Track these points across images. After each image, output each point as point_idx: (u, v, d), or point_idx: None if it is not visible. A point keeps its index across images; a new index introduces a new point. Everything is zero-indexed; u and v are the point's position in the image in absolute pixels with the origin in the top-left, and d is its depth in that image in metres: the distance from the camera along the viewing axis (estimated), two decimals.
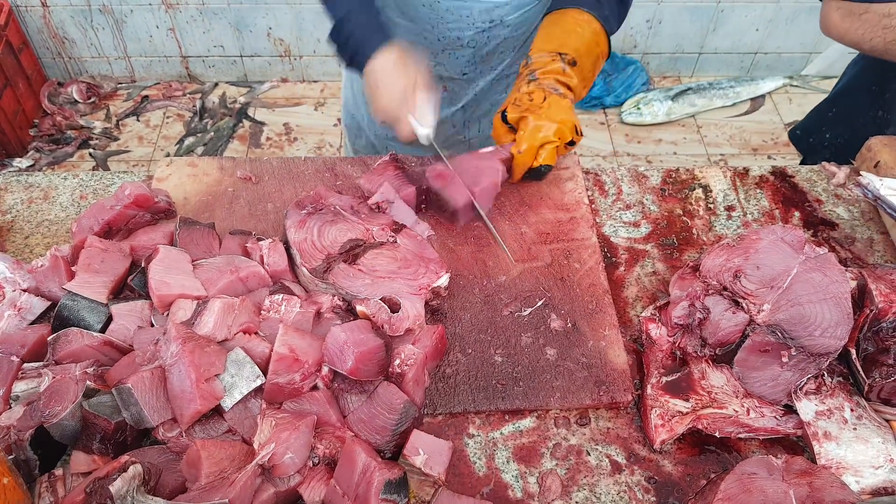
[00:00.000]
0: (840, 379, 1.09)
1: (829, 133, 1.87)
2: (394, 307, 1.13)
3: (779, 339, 1.06)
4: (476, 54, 1.52)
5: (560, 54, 1.32)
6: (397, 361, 1.04)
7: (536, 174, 1.34)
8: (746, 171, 1.48)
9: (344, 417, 1.03)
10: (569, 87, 1.33)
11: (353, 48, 1.28)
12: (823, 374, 1.08)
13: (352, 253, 1.19)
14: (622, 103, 3.52)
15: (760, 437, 1.08)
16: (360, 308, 1.12)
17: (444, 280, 1.17)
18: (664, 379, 1.10)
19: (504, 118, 1.33)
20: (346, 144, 1.95)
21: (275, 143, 3.39)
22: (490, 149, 1.34)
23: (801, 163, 2.02)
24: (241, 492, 0.89)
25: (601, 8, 1.36)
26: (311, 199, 1.26)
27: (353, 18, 1.26)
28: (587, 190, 1.42)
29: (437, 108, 1.27)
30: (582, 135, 1.33)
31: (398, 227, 1.24)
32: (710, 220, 1.39)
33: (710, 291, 1.13)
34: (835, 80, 1.93)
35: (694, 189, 1.44)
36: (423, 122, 1.26)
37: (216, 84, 3.66)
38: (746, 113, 3.55)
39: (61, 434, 0.96)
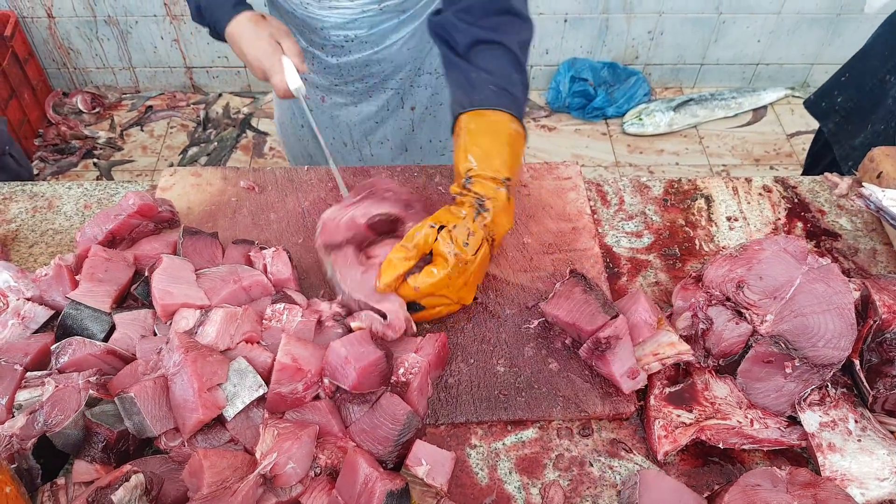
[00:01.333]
0: (844, 390, 1.08)
1: (841, 97, 1.84)
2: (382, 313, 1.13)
3: (782, 350, 1.06)
4: (341, 70, 1.57)
5: (505, 180, 1.14)
6: (401, 371, 1.04)
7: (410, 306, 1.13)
8: (749, 181, 1.48)
9: (346, 427, 1.02)
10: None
11: (210, 18, 1.36)
12: (827, 385, 1.08)
13: (370, 237, 1.20)
14: (624, 114, 3.53)
15: (764, 449, 1.07)
16: (354, 324, 1.12)
17: None
18: (667, 390, 1.10)
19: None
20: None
21: (278, 154, 3.40)
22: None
23: (818, 132, 1.99)
24: (242, 502, 0.89)
25: (520, 105, 1.21)
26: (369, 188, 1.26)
27: None
28: (589, 200, 1.43)
29: (303, 61, 1.31)
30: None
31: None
32: (712, 230, 1.39)
33: (713, 302, 1.13)
34: None
35: (696, 199, 1.44)
36: (292, 74, 1.28)
37: (220, 94, 3.68)
38: (748, 124, 3.56)
39: (64, 443, 0.96)
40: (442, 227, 1.11)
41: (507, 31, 1.22)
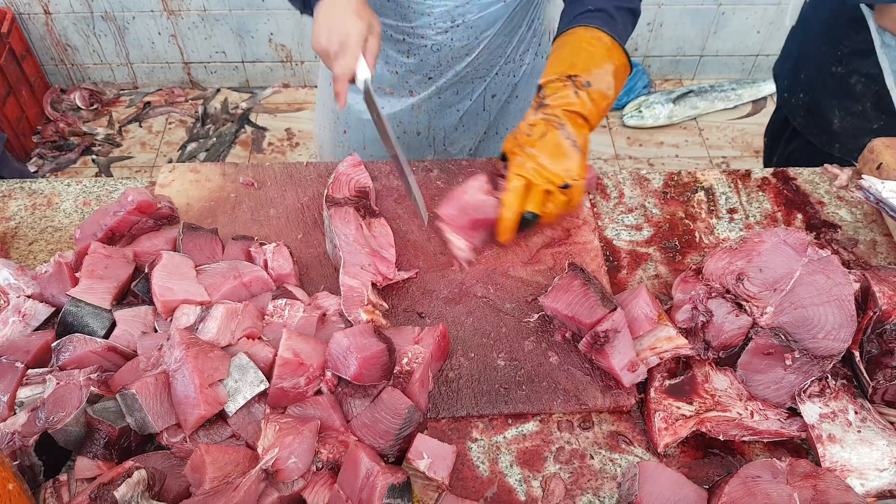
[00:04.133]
0: (844, 381, 1.09)
1: (802, 93, 1.88)
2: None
3: (782, 342, 1.06)
4: (441, 57, 1.53)
5: (570, 77, 1.21)
6: (405, 360, 1.04)
7: (521, 223, 1.22)
8: (748, 173, 1.48)
9: (347, 422, 1.03)
10: (583, 117, 1.22)
11: None
12: (827, 377, 1.08)
13: (364, 207, 1.28)
14: (623, 106, 3.52)
15: (764, 440, 1.07)
16: (361, 316, 1.12)
17: (399, 275, 1.24)
18: (667, 382, 1.10)
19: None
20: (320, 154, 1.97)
21: (277, 149, 3.40)
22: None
23: (777, 102, 2.03)
24: (245, 497, 0.89)
25: (614, 23, 1.28)
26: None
27: None
28: (589, 193, 1.43)
29: (376, 56, 1.25)
30: (580, 178, 1.20)
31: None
32: (712, 222, 1.39)
33: (713, 294, 1.13)
34: None
35: (696, 192, 1.44)
36: (363, 66, 1.22)
37: (218, 90, 3.67)
38: (748, 115, 3.55)
39: (66, 440, 0.96)
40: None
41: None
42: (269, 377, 1.03)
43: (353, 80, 1.22)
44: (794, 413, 1.08)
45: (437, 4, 1.41)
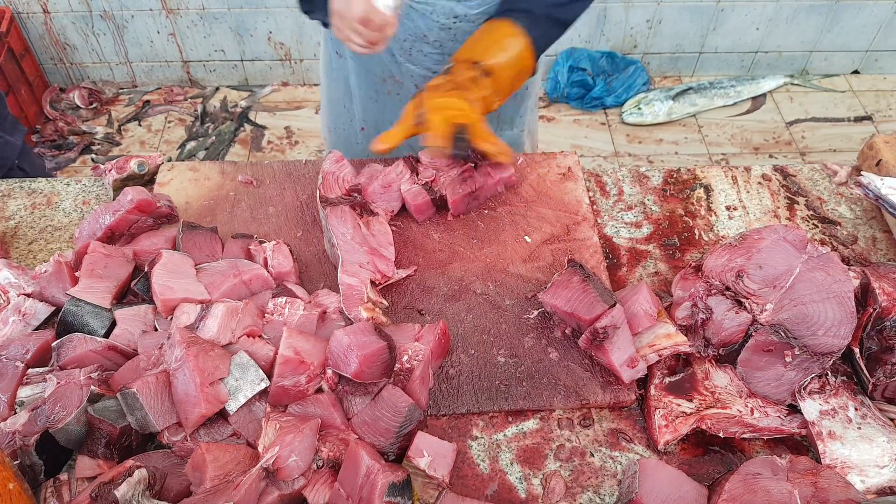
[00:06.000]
0: (844, 378, 1.09)
1: None
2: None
3: (782, 339, 1.06)
4: (443, 52, 1.52)
5: (475, 63, 1.32)
6: (405, 357, 1.04)
7: (459, 145, 1.26)
8: (748, 170, 1.48)
9: (348, 420, 1.03)
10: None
11: None
12: (827, 374, 1.08)
13: (360, 205, 1.29)
14: (623, 103, 3.52)
15: (765, 437, 1.07)
16: (362, 314, 1.12)
17: (398, 274, 1.25)
18: (668, 379, 1.10)
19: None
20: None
21: (276, 147, 3.40)
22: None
23: None
24: (245, 495, 0.89)
25: (536, 28, 1.37)
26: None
27: None
28: (588, 191, 1.43)
29: None
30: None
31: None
32: (711, 219, 1.39)
33: (713, 292, 1.13)
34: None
35: (695, 189, 1.44)
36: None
37: (217, 88, 3.67)
38: (747, 112, 3.55)
39: (66, 439, 0.96)
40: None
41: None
42: (269, 375, 1.03)
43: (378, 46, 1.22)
44: (794, 410, 1.08)
45: (438, 1, 1.41)
